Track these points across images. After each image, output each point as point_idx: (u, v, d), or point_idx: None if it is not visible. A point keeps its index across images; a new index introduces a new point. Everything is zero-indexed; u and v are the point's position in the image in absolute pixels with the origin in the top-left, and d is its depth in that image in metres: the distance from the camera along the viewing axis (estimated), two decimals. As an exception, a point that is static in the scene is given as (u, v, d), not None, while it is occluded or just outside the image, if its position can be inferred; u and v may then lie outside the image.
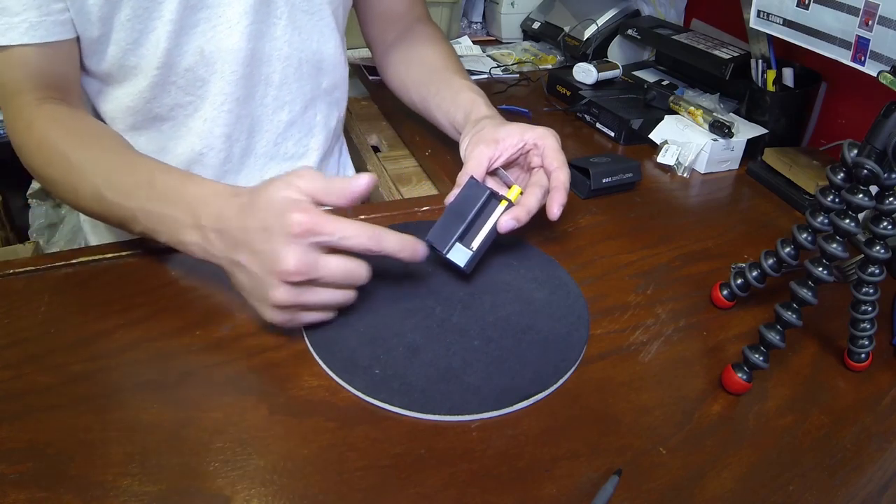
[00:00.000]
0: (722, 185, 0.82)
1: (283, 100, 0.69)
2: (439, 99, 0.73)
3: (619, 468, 0.42)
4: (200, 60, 0.61)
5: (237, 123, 0.66)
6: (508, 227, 0.55)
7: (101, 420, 0.43)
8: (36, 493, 0.38)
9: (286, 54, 0.66)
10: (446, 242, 0.54)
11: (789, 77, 0.86)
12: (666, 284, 0.61)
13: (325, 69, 0.71)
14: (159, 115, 0.64)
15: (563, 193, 0.58)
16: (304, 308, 0.47)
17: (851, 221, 0.45)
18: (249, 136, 0.68)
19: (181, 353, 0.48)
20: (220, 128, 0.65)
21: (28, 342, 0.48)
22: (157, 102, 0.63)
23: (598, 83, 0.99)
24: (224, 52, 0.61)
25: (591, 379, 0.50)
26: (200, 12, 0.59)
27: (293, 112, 0.70)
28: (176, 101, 0.63)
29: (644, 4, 1.15)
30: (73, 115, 0.57)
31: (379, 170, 0.85)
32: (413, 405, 0.45)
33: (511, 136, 0.61)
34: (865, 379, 0.53)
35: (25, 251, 1.08)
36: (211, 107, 0.64)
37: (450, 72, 0.75)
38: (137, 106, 0.63)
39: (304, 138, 0.73)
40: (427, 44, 0.79)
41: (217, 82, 0.63)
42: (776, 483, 0.44)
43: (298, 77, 0.69)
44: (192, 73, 0.62)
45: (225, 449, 0.42)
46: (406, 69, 0.79)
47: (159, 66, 0.60)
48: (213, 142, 0.66)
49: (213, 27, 0.60)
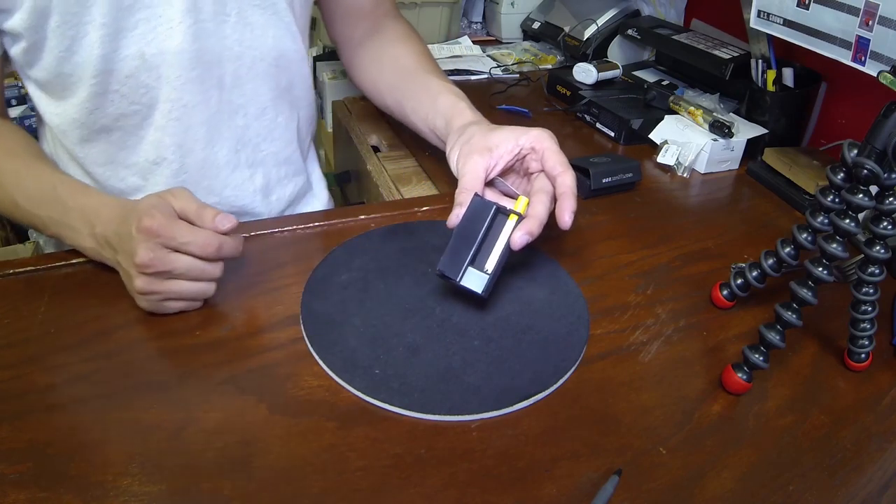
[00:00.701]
0: (722, 185, 0.82)
1: (236, 103, 0.65)
2: (415, 103, 0.70)
3: (619, 468, 0.42)
4: (142, 66, 0.58)
5: (188, 132, 0.63)
6: (523, 243, 0.52)
7: (101, 420, 0.43)
8: (36, 493, 0.38)
9: (237, 53, 0.62)
10: (458, 270, 0.51)
11: (789, 77, 0.86)
12: (666, 284, 0.61)
13: (283, 67, 0.67)
14: (105, 126, 0.61)
15: (573, 199, 0.55)
16: (165, 297, 0.50)
17: (851, 221, 0.45)
18: (207, 145, 0.64)
19: (181, 353, 0.48)
20: (170, 137, 0.62)
21: (28, 342, 0.48)
22: (101, 113, 0.60)
23: (598, 83, 0.99)
24: (167, 54, 0.58)
25: (591, 379, 0.50)
26: (137, 13, 0.56)
27: (248, 115, 0.66)
28: (120, 111, 0.60)
29: (644, 4, 1.15)
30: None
31: (379, 170, 0.85)
32: (413, 405, 0.45)
33: (505, 142, 0.57)
34: (865, 379, 0.53)
35: (25, 251, 1.08)
36: (160, 115, 0.61)
37: (425, 72, 0.72)
38: (82, 118, 0.60)
39: (262, 143, 0.69)
40: (398, 42, 0.75)
41: (163, 88, 0.60)
42: (776, 483, 0.44)
43: (253, 77, 0.65)
44: (134, 79, 0.58)
45: (225, 449, 0.42)
46: (378, 71, 0.75)
47: (97, 74, 0.57)
48: (164, 152, 0.63)
49: (152, 28, 0.57)
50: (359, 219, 0.66)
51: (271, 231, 0.63)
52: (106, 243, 0.51)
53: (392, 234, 0.62)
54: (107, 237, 0.51)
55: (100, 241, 0.51)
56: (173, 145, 0.63)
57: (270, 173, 0.71)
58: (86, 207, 0.52)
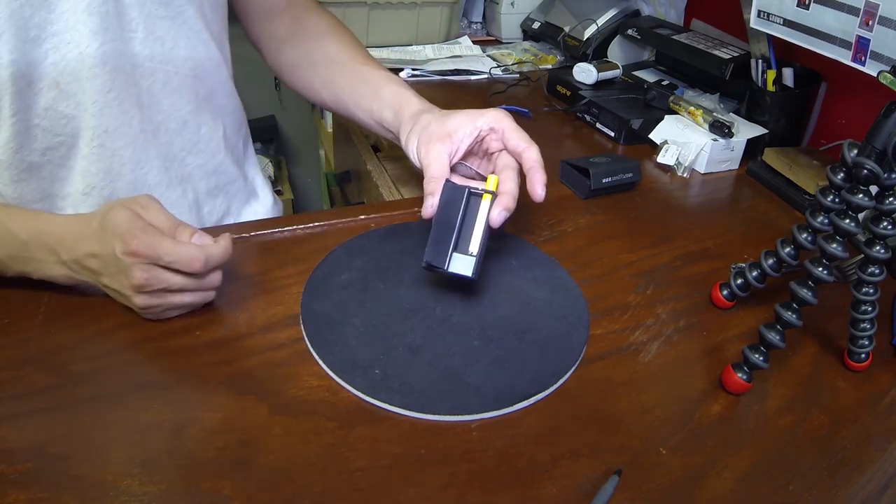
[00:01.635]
0: (722, 185, 0.82)
1: (156, 120, 0.62)
2: (356, 96, 0.68)
3: (619, 468, 0.42)
4: (59, 96, 0.55)
5: (114, 157, 0.60)
6: (502, 220, 0.53)
7: (101, 420, 0.43)
8: (36, 493, 0.38)
9: (150, 70, 0.59)
10: (444, 258, 0.51)
11: (789, 77, 0.86)
12: (666, 284, 0.61)
13: (200, 77, 0.64)
14: (34, 162, 0.58)
15: (542, 171, 0.57)
16: (167, 308, 0.50)
17: (851, 221, 0.45)
18: (135, 168, 0.62)
19: (181, 353, 0.48)
20: (95, 165, 0.59)
21: (28, 342, 0.48)
22: (27, 150, 0.57)
23: (598, 83, 0.99)
24: (81, 80, 0.55)
25: (591, 379, 0.50)
26: (45, 43, 0.53)
27: (170, 131, 0.64)
28: (46, 145, 0.57)
29: (644, 4, 1.15)
30: None
31: (379, 170, 0.85)
32: (413, 405, 0.45)
33: (463, 126, 0.58)
34: (865, 379, 0.53)
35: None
36: (83, 143, 0.58)
37: (359, 64, 0.70)
38: (8, 159, 0.57)
39: (188, 157, 0.66)
40: (325, 36, 0.73)
41: (83, 116, 0.57)
42: (776, 483, 0.44)
43: (170, 92, 0.62)
44: (53, 111, 0.56)
45: (225, 449, 0.42)
46: (309, 68, 0.73)
47: (15, 113, 0.54)
48: (91, 180, 0.60)
49: (62, 57, 0.54)
50: (359, 219, 0.66)
51: (271, 231, 0.63)
52: (82, 268, 0.50)
53: (392, 234, 0.62)
54: (81, 262, 0.49)
55: (73, 268, 0.50)
56: (101, 172, 0.60)
57: (199, 186, 0.69)
58: (43, 235, 0.50)
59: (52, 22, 0.53)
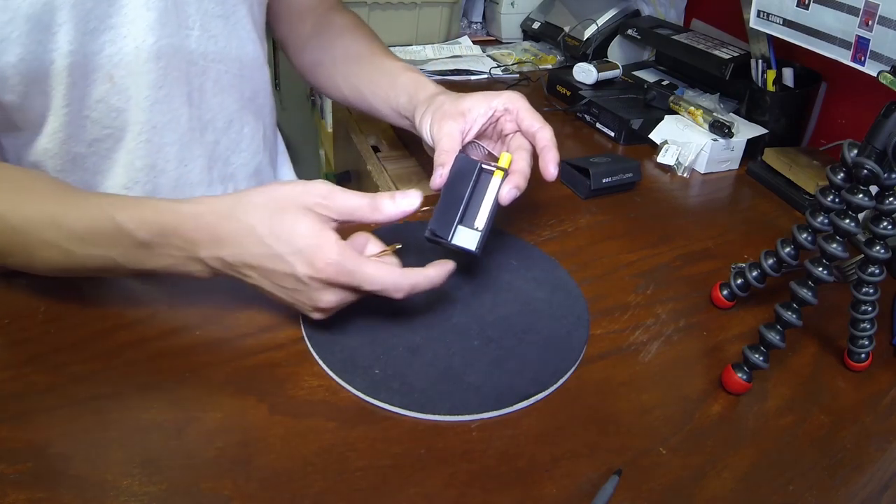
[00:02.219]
0: (722, 185, 0.82)
1: (205, 119, 0.62)
2: (374, 86, 0.68)
3: (619, 468, 0.42)
4: (111, 89, 0.55)
5: (159, 154, 0.60)
6: (511, 197, 0.52)
7: (101, 420, 0.43)
8: (36, 493, 0.38)
9: (203, 68, 0.60)
10: (448, 229, 0.50)
11: (789, 77, 0.86)
12: (666, 284, 0.61)
13: (246, 76, 0.65)
14: (79, 153, 0.57)
15: (555, 150, 0.56)
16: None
17: (851, 221, 0.45)
18: (179, 165, 0.61)
19: (181, 353, 0.48)
20: (140, 160, 0.59)
21: (28, 342, 0.48)
22: (74, 141, 0.56)
23: (598, 83, 0.99)
24: (135, 75, 0.55)
25: (591, 379, 0.50)
26: (102, 35, 0.52)
27: (217, 130, 0.64)
28: (93, 136, 0.57)
29: (644, 4, 1.15)
30: None
31: (379, 170, 0.85)
32: (413, 405, 0.45)
33: (478, 105, 0.57)
34: (865, 379, 0.53)
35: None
36: (130, 137, 0.58)
37: (378, 56, 0.70)
38: (55, 148, 0.56)
39: (231, 156, 0.67)
40: (346, 32, 0.74)
41: (132, 110, 0.57)
42: (776, 483, 0.44)
43: (219, 91, 0.62)
44: (104, 103, 0.55)
45: (225, 449, 0.42)
46: (331, 63, 0.74)
47: (68, 104, 0.54)
48: (136, 175, 0.60)
49: (118, 50, 0.54)
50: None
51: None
52: (229, 267, 0.45)
53: (392, 233, 0.62)
54: (230, 263, 0.45)
55: (214, 266, 0.45)
56: (145, 167, 0.60)
57: (241, 186, 0.69)
58: (167, 232, 0.44)
59: (111, 15, 0.52)
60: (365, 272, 0.44)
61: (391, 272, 0.45)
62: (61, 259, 0.47)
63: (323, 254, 0.42)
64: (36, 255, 0.47)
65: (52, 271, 0.49)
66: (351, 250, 0.44)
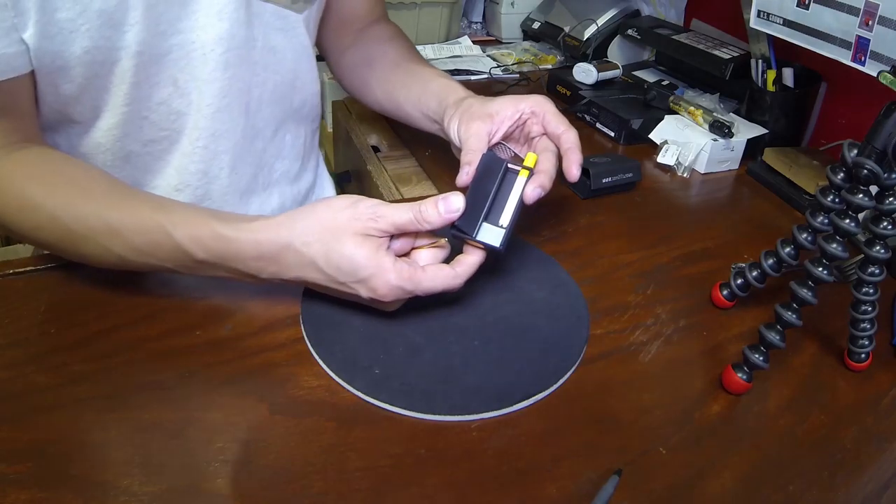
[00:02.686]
0: (722, 185, 0.82)
1: (256, 128, 0.64)
2: (406, 91, 0.70)
3: (619, 468, 0.42)
4: (174, 92, 0.56)
5: (214, 160, 0.61)
6: (536, 197, 0.53)
7: (101, 420, 0.43)
8: (36, 493, 0.38)
9: (262, 79, 0.61)
10: (473, 225, 0.50)
11: (789, 77, 0.86)
12: (666, 284, 0.61)
13: (298, 87, 0.67)
14: (133, 151, 0.58)
15: (579, 153, 0.58)
16: None
17: (851, 221, 0.45)
18: (231, 173, 0.63)
19: (181, 353, 0.48)
20: (195, 164, 0.60)
21: (28, 342, 0.48)
22: (130, 139, 0.57)
23: (598, 83, 0.99)
24: (200, 81, 0.56)
25: (591, 379, 0.50)
26: (171, 38, 0.53)
27: (265, 139, 0.66)
28: (150, 137, 0.58)
29: (644, 4, 1.15)
30: (48, 161, 0.51)
31: (379, 170, 0.85)
32: (413, 405, 0.45)
33: (505, 108, 0.59)
34: (865, 379, 0.53)
35: (25, 251, 1.08)
36: (187, 141, 0.59)
37: (413, 63, 0.72)
38: (108, 144, 0.57)
39: (276, 163, 0.69)
40: (386, 42, 0.76)
41: (192, 115, 0.58)
42: (776, 483, 0.44)
43: (271, 101, 0.64)
44: (165, 106, 0.56)
45: (225, 449, 0.42)
46: (369, 68, 0.75)
47: (128, 103, 0.54)
48: (188, 178, 0.61)
49: (186, 55, 0.54)
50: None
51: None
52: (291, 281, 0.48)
53: None
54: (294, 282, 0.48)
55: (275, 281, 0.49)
56: (198, 172, 0.61)
57: (285, 192, 0.72)
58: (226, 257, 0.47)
59: (182, 19, 0.53)
60: (422, 285, 0.47)
61: (444, 274, 0.47)
62: (116, 262, 0.49)
63: (383, 281, 0.45)
64: (90, 254, 0.49)
65: (104, 267, 0.51)
66: (407, 267, 0.46)
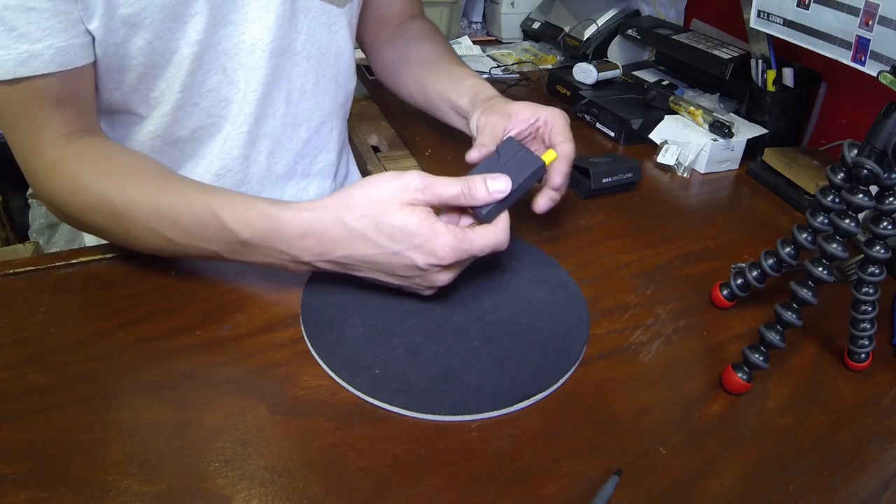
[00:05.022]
0: (722, 185, 0.82)
1: (301, 118, 0.67)
2: (440, 87, 0.72)
3: (619, 468, 0.42)
4: (224, 80, 0.59)
5: (255, 144, 0.64)
6: (546, 207, 0.58)
7: (101, 420, 0.43)
8: (36, 493, 0.38)
9: (304, 70, 0.64)
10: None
11: (789, 77, 0.86)
12: (666, 284, 0.61)
13: (341, 83, 0.70)
14: (181, 137, 0.61)
15: (567, 166, 0.60)
16: None
17: (851, 221, 0.45)
18: (269, 157, 0.66)
19: (181, 353, 0.48)
20: (237, 149, 0.63)
21: (28, 342, 0.48)
22: (179, 125, 0.60)
23: (598, 83, 0.99)
24: (247, 70, 0.59)
25: (591, 379, 0.50)
26: (222, 29, 0.56)
27: (310, 129, 0.69)
28: (199, 123, 0.61)
29: (644, 4, 1.15)
30: (104, 149, 0.53)
31: (379, 170, 0.85)
32: (413, 405, 0.45)
33: (524, 110, 0.62)
34: (865, 379, 0.53)
35: (25, 251, 1.08)
36: (231, 126, 0.62)
37: (448, 62, 0.74)
38: (159, 130, 0.60)
39: (319, 154, 0.72)
40: (423, 39, 0.78)
41: (238, 101, 0.61)
42: (776, 483, 0.44)
43: (316, 93, 0.67)
44: (215, 93, 0.59)
45: (225, 449, 0.42)
46: (404, 64, 0.78)
47: (183, 90, 0.57)
48: (230, 163, 0.64)
49: (235, 45, 0.58)
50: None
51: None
52: (338, 265, 0.49)
53: None
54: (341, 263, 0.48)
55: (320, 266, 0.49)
56: (240, 157, 0.64)
57: (325, 184, 0.74)
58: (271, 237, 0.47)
59: (233, 10, 0.56)
60: (476, 244, 0.47)
61: (494, 233, 0.48)
62: (163, 245, 0.50)
63: (441, 242, 0.46)
64: (138, 237, 0.51)
65: (151, 252, 0.52)
66: (459, 230, 0.47)
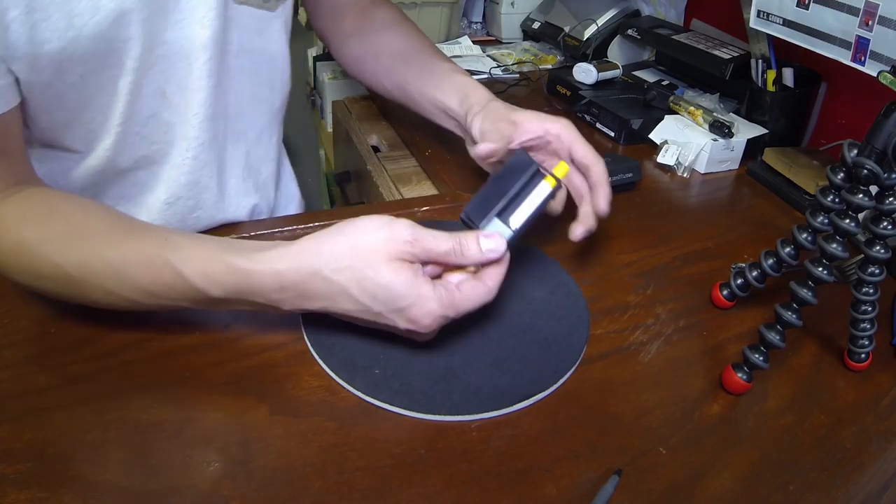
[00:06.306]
0: (722, 185, 0.82)
1: (239, 132, 0.63)
2: (420, 84, 0.70)
3: (619, 468, 0.42)
4: (163, 104, 0.55)
5: (204, 169, 0.60)
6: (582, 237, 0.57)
7: (101, 420, 0.43)
8: (36, 493, 0.38)
9: (238, 82, 0.61)
10: (482, 217, 0.48)
11: (789, 77, 0.86)
12: (666, 284, 0.61)
13: (276, 89, 0.67)
14: (124, 169, 0.57)
15: (608, 187, 0.58)
16: None
17: (851, 221, 0.45)
18: (220, 179, 0.62)
19: (181, 353, 0.48)
20: (185, 175, 0.59)
21: (28, 342, 0.48)
22: (122, 157, 0.56)
23: (598, 83, 0.99)
24: (186, 91, 0.55)
25: (591, 379, 0.50)
26: (158, 49, 0.52)
27: (249, 141, 0.65)
28: (142, 153, 0.57)
29: (644, 4, 1.15)
30: (43, 202, 0.49)
31: (379, 170, 0.85)
32: (413, 405, 0.45)
33: (531, 121, 0.60)
34: (865, 379, 0.53)
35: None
36: (177, 152, 0.58)
37: (425, 55, 0.71)
38: (100, 165, 0.56)
39: (262, 166, 0.69)
40: (391, 29, 0.75)
41: (181, 126, 0.57)
42: (776, 483, 0.44)
43: (254, 102, 0.64)
44: (156, 119, 0.55)
45: (225, 449, 0.42)
46: (375, 60, 0.74)
47: (122, 121, 0.53)
48: (179, 190, 0.60)
49: (171, 65, 0.53)
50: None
51: (272, 231, 0.63)
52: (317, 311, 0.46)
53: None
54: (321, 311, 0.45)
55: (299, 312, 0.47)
56: (189, 183, 0.60)
57: (270, 196, 0.71)
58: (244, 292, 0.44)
59: (168, 30, 0.52)
60: (461, 308, 0.44)
61: (479, 291, 0.45)
62: (128, 306, 0.46)
63: (426, 311, 0.43)
64: (98, 301, 0.47)
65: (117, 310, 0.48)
66: (445, 293, 0.43)
